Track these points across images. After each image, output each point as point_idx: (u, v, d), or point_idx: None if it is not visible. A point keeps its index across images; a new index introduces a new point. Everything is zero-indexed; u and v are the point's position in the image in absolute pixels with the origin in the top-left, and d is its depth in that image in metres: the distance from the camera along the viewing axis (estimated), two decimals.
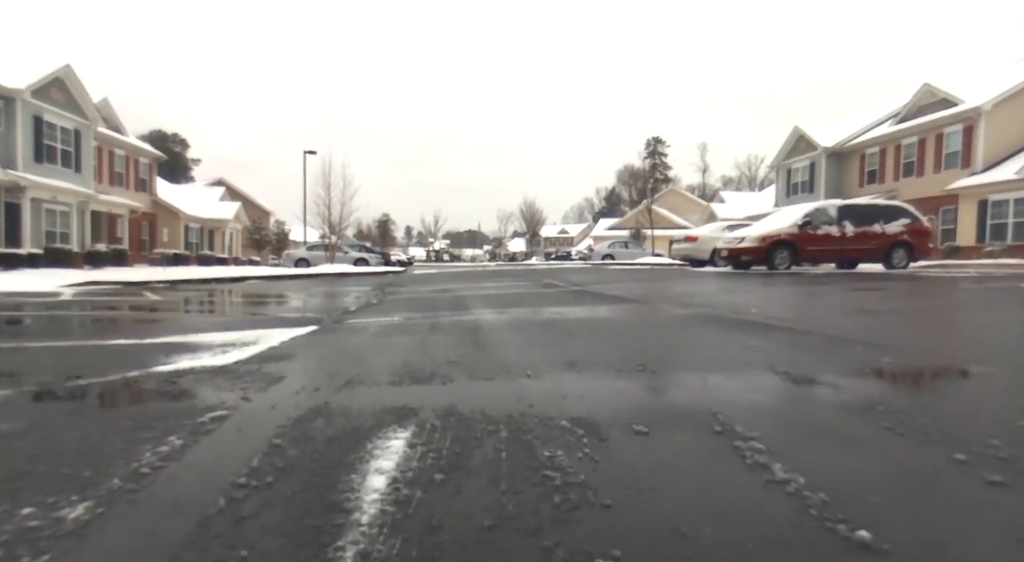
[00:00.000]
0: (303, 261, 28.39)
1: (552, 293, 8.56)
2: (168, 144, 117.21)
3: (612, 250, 31.38)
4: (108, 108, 24.99)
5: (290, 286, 14.28)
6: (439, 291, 10.27)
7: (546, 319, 4.80)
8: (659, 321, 4.77)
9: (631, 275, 14.43)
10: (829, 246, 13.54)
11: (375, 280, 16.89)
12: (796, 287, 8.82)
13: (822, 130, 29.27)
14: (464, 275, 18.07)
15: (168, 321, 5.86)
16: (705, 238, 17.31)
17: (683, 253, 17.96)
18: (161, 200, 28.59)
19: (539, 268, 24.76)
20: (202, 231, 31.30)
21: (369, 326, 4.74)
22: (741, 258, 13.80)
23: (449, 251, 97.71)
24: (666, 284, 10.50)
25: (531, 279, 14.07)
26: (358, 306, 7.25)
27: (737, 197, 38.91)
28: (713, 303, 6.05)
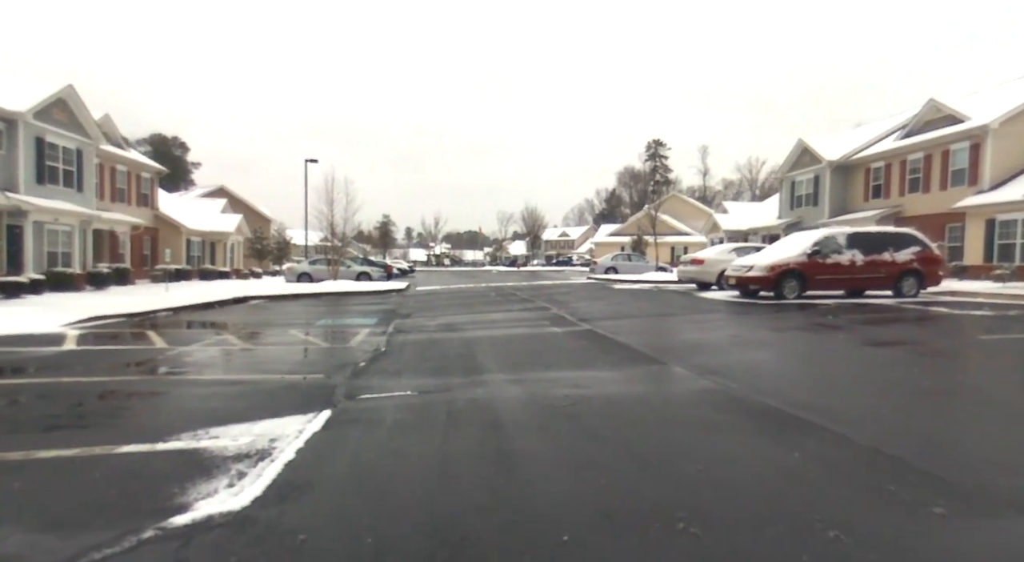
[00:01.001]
0: (305, 276, 28.26)
1: (562, 338, 8.38)
2: (168, 148, 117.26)
3: (615, 263, 31.21)
4: (109, 123, 24.88)
5: (292, 313, 14.14)
6: (447, 328, 10.11)
7: (564, 406, 4.65)
8: (677, 413, 4.63)
9: (638, 303, 14.29)
10: (838, 275, 13.41)
11: (380, 304, 16.76)
12: (813, 333, 8.66)
13: (826, 143, 29.14)
14: (469, 297, 17.96)
15: (169, 397, 5.73)
16: (712, 261, 17.18)
17: (689, 276, 17.82)
18: (163, 214, 28.48)
19: (544, 284, 24.62)
20: (204, 245, 31.19)
21: (384, 410, 4.60)
22: (750, 286, 13.68)
23: (450, 255, 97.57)
24: (676, 324, 10.33)
25: (538, 306, 13.94)
26: (367, 359, 7.11)
27: (739, 207, 38.76)
28: (731, 367, 5.89)
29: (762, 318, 10.57)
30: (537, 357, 7.15)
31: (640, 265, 31.08)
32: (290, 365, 7.10)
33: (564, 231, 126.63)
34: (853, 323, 9.48)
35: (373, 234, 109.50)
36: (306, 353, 8.05)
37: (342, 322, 11.82)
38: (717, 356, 6.79)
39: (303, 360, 7.50)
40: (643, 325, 10.29)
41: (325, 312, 14.83)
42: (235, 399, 5.22)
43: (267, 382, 5.98)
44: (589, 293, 18.15)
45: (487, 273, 50.88)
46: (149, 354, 7.76)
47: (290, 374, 6.37)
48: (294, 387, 5.72)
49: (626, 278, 24.28)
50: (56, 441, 3.94)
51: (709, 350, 7.28)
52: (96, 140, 21.52)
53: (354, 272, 28.76)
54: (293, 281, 28.63)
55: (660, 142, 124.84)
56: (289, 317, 13.54)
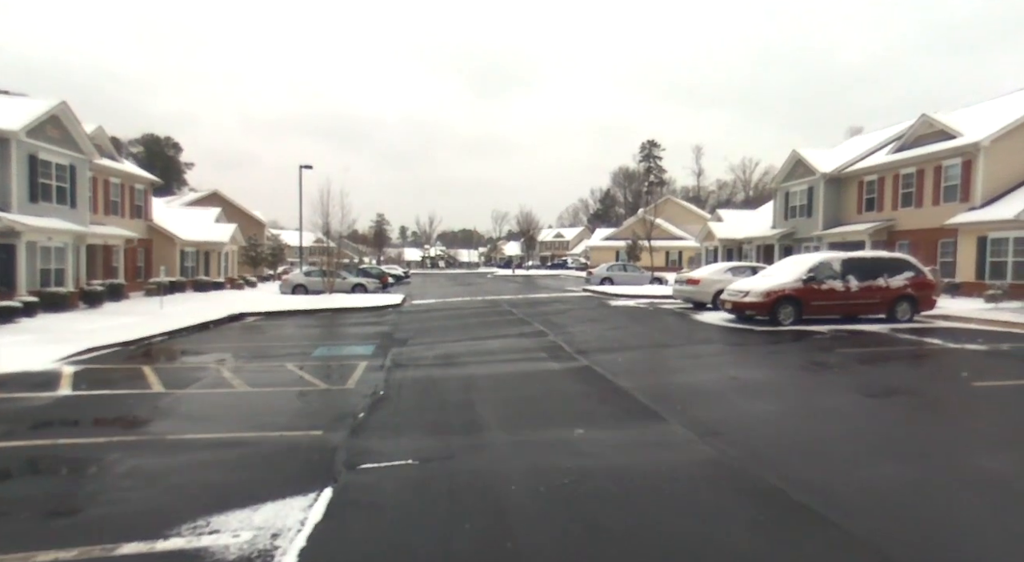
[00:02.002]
0: (300, 287, 28.19)
1: (561, 379, 8.22)
2: (161, 148, 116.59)
3: (611, 273, 31.29)
4: (102, 136, 24.69)
5: (287, 338, 14.04)
6: (444, 362, 10.01)
7: (566, 485, 4.65)
8: (680, 495, 4.64)
9: (635, 327, 14.31)
10: (833, 301, 13.49)
11: (376, 323, 16.71)
12: (810, 375, 8.68)
13: (820, 155, 29.28)
14: (465, 316, 17.92)
15: (169, 468, 5.71)
16: (707, 281, 17.24)
17: (685, 295, 17.88)
18: (157, 226, 28.31)
19: (540, 298, 24.65)
20: (198, 255, 31.03)
21: (385, 490, 4.58)
22: (746, 312, 13.74)
23: (444, 257, 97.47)
24: (674, 360, 10.31)
25: (535, 330, 13.92)
26: (366, 407, 7.06)
27: (734, 215, 38.91)
28: (730, 426, 5.87)
29: (758, 353, 10.61)
30: (536, 406, 7.16)
31: (635, 276, 31.19)
32: (289, 416, 7.07)
33: (559, 232, 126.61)
34: (849, 362, 9.53)
35: (368, 234, 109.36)
36: (304, 398, 8.02)
37: (338, 352, 11.77)
38: (716, 408, 6.82)
39: (302, 409, 7.47)
40: (640, 361, 10.30)
41: (321, 336, 14.79)
42: (234, 469, 5.21)
43: (266, 442, 5.97)
44: (586, 313, 18.17)
45: (482, 279, 50.86)
46: (145, 402, 7.71)
47: (289, 430, 6.34)
48: (294, 450, 5.71)
49: (622, 292, 24.34)
50: (55, 535, 3.92)
51: (708, 399, 7.32)
52: (89, 155, 21.37)
53: (349, 284, 28.70)
54: (288, 292, 28.56)
55: (654, 143, 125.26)
56: (285, 344, 13.49)
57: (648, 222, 40.10)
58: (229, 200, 54.10)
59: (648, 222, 40.10)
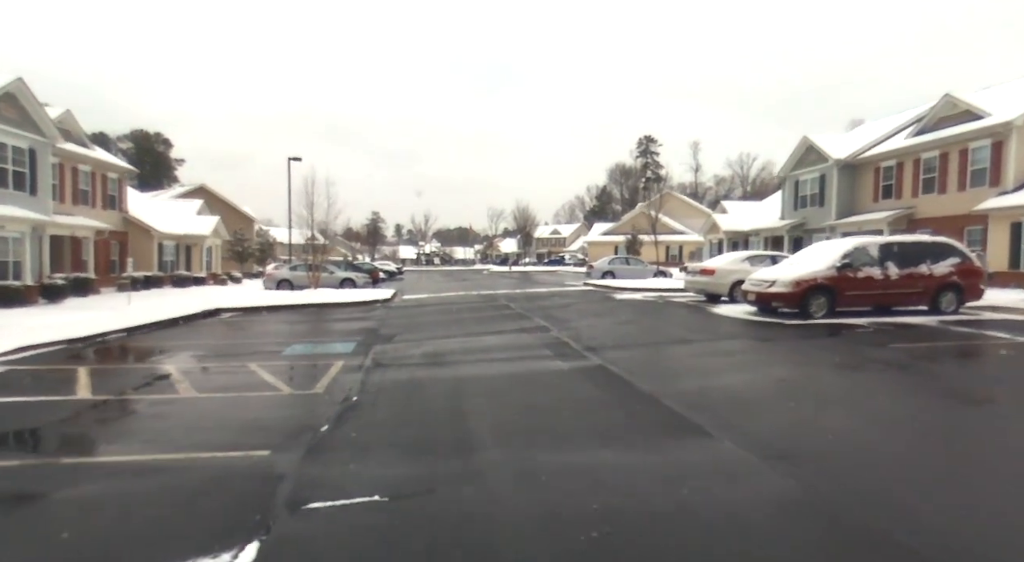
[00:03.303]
0: (285, 282, 26.65)
1: (571, 381, 6.74)
2: (151, 144, 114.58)
3: (613, 266, 29.82)
4: (71, 120, 23.09)
5: (261, 334, 12.54)
6: (432, 361, 8.51)
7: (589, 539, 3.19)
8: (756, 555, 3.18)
9: (647, 321, 12.86)
10: (870, 291, 12.07)
11: (361, 319, 15.22)
12: (874, 375, 7.18)
13: (833, 141, 27.88)
14: (459, 310, 16.39)
15: (65, 512, 4.23)
16: (723, 271, 15.81)
17: (698, 287, 16.44)
18: (132, 217, 26.70)
19: (539, 292, 23.18)
20: (178, 249, 29.42)
21: (332, 548, 3.12)
22: (772, 303, 12.30)
23: (440, 254, 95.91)
24: (701, 357, 8.85)
25: (535, 325, 12.42)
26: (332, 418, 5.56)
27: (739, 207, 37.47)
28: (800, 445, 4.41)
29: (799, 350, 9.18)
30: (545, 419, 5.69)
31: (638, 269, 29.73)
32: (233, 430, 5.60)
33: (555, 229, 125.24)
34: (913, 359, 8.09)
35: (362, 232, 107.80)
36: (260, 405, 6.55)
37: (314, 350, 10.29)
38: (772, 421, 5.37)
39: (252, 420, 5.98)
40: (662, 359, 8.86)
41: (299, 332, 13.31)
42: (131, 513, 3.72)
43: (194, 468, 4.50)
44: (590, 307, 16.72)
45: (478, 275, 49.36)
46: (62, 412, 6.22)
47: (229, 449, 4.89)
48: (225, 480, 4.24)
49: (626, 285, 22.87)
50: None
51: (758, 408, 5.87)
52: (52, 138, 19.76)
53: (337, 279, 27.15)
54: (272, 288, 27.00)
55: (651, 138, 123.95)
56: (256, 340, 12.01)
57: (651, 215, 38.51)
58: (217, 195, 52.48)
59: (651, 215, 38.51)
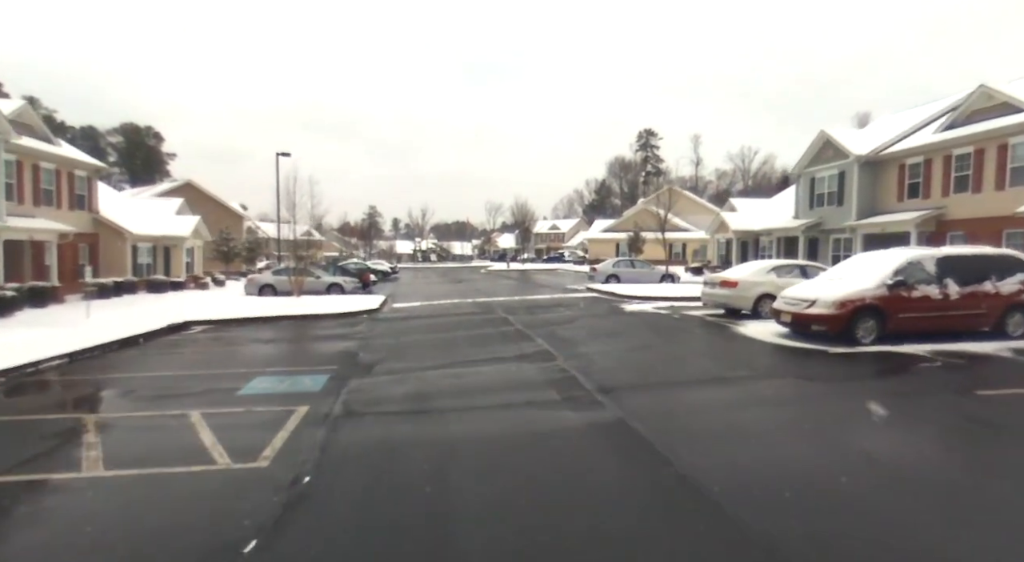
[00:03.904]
0: (268, 287, 24.91)
1: (587, 450, 4.87)
2: (142, 137, 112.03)
3: (618, 270, 28.06)
4: (29, 114, 21.26)
5: (219, 362, 10.42)
6: (416, 412, 6.58)
7: None
8: None
9: (666, 347, 11.05)
10: (927, 313, 10.37)
11: (342, 337, 13.47)
12: (972, 443, 5.40)
13: (853, 136, 26.13)
14: (452, 326, 14.54)
15: None
16: (747, 284, 14.12)
17: (718, 300, 14.73)
18: (104, 218, 24.88)
19: (540, 300, 21.42)
20: (155, 251, 27.61)
21: None
22: (811, 327, 10.60)
23: (437, 250, 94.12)
24: (750, 407, 7.03)
25: (538, 350, 10.48)
26: (262, 524, 3.87)
27: (749, 205, 35.72)
28: None
29: (861, 394, 7.45)
30: (556, 525, 3.97)
31: (644, 272, 28.00)
32: (112, 551, 3.87)
33: (554, 224, 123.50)
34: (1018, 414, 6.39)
35: (359, 226, 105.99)
36: (178, 495, 4.82)
37: (277, 388, 8.55)
38: (903, 548, 3.63)
39: (154, 531, 4.23)
40: (696, 411, 7.11)
41: (268, 356, 11.58)
42: None
43: None
44: (597, 323, 14.99)
45: (475, 275, 47.51)
46: None
47: None
48: None
49: (634, 292, 21.12)
50: None
51: (861, 513, 4.12)
52: (4, 133, 17.96)
53: (324, 284, 25.41)
54: (254, 293, 25.26)
55: (651, 132, 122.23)
56: (215, 370, 10.26)
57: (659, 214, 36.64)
58: (204, 191, 50.66)
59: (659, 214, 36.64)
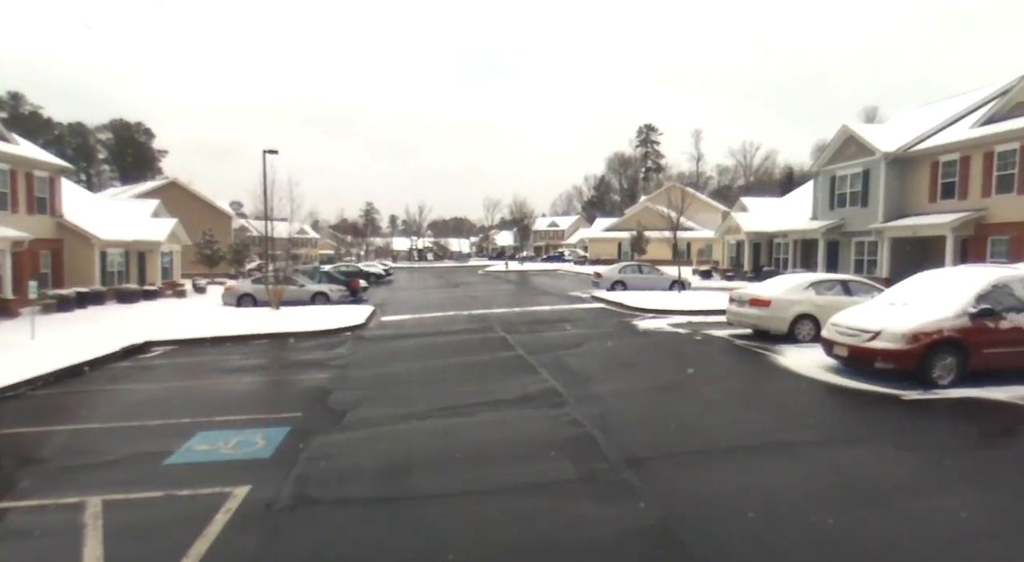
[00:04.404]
0: (247, 297, 23.04)
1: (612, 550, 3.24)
2: (132, 134, 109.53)
3: (624, 276, 26.19)
4: None
5: (156, 404, 8.20)
6: (390, 496, 4.91)
7: None
8: None
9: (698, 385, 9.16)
10: (1018, 347, 8.54)
11: (317, 365, 11.58)
12: None
13: (878, 131, 24.26)
14: (444, 348, 12.57)
15: None
16: (782, 302, 12.26)
17: (748, 321, 12.87)
18: (69, 222, 22.96)
19: (542, 313, 19.54)
20: (127, 257, 25.67)
21: None
22: (874, 363, 8.75)
23: (433, 249, 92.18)
24: (821, 495, 5.03)
25: (543, 390, 8.31)
26: None
27: (762, 204, 33.85)
28: None
29: (991, 479, 5.56)
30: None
31: (653, 278, 26.13)
32: None
33: (553, 221, 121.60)
34: None
35: (357, 223, 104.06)
36: None
37: (218, 452, 6.66)
38: None
39: None
40: (772, 504, 5.20)
41: (221, 397, 9.65)
42: None
43: None
44: (610, 348, 13.08)
45: (472, 276, 45.49)
46: None
47: None
48: None
49: (645, 304, 19.20)
50: None
51: None
52: None
53: (308, 292, 23.52)
54: (232, 304, 23.38)
55: (652, 127, 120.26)
56: (149, 421, 8.35)
57: (663, 211, 34.76)
58: (189, 190, 48.80)
59: (663, 211, 34.76)
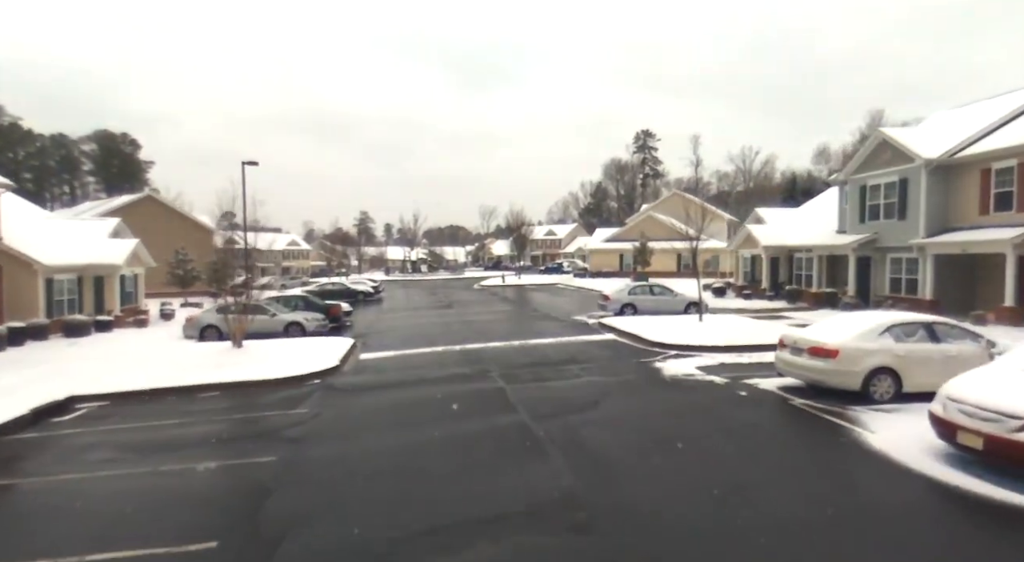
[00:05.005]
0: (211, 329, 20.37)
1: None
2: (117, 144, 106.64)
3: (634, 298, 23.60)
4: None
5: (32, 532, 5.95)
6: None
7: None
8: None
9: (760, 480, 6.52)
10: None
11: (259, 449, 8.79)
12: None
13: (916, 136, 21.83)
14: (426, 405, 9.71)
15: None
16: (853, 353, 9.67)
17: (809, 377, 10.25)
18: (7, 247, 20.29)
19: (545, 347, 16.87)
20: (80, 283, 22.98)
21: None
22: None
23: (428, 260, 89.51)
24: None
25: (560, 498, 6.08)
26: None
27: (778, 215, 31.37)
28: None
29: None
30: None
31: (666, 300, 23.55)
32: None
33: (550, 229, 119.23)
34: None
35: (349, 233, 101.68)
36: None
37: None
38: None
39: None
40: None
41: (117, 507, 6.97)
42: None
43: None
44: (634, 408, 10.44)
45: (467, 294, 42.68)
46: None
47: None
48: None
49: (666, 339, 16.49)
50: None
51: None
52: None
53: (280, 323, 20.89)
54: (194, 337, 20.73)
55: (649, 133, 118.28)
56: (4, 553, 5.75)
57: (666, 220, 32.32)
58: (167, 204, 46.26)
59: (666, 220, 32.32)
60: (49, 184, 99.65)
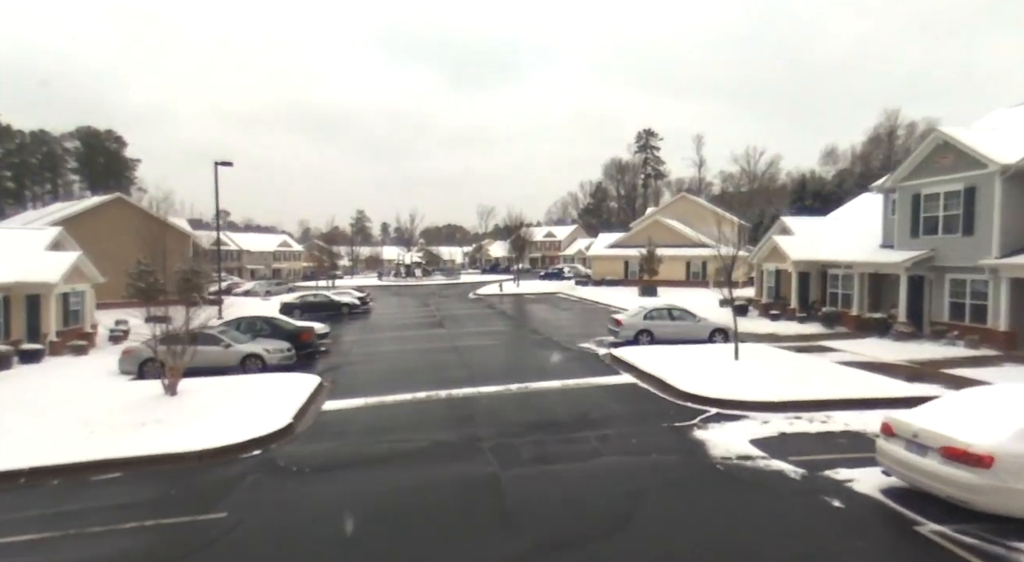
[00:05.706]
0: (152, 363, 17.01)
1: None
2: (101, 141, 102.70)
3: (650, 324, 20.35)
4: None
5: None
6: None
7: None
8: None
9: None
10: None
11: None
12: None
13: (985, 138, 18.63)
14: (393, 528, 7.00)
15: None
16: (1015, 462, 6.48)
17: (944, 491, 7.02)
18: None
19: (548, 393, 13.63)
20: (6, 304, 19.72)
21: None
22: None
23: (423, 264, 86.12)
24: None
25: None
26: None
27: (807, 225, 28.05)
28: None
29: None
30: None
31: (687, 326, 20.32)
32: None
33: (550, 231, 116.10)
34: None
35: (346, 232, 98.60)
36: None
37: None
38: None
39: None
40: None
41: None
42: None
43: None
44: (684, 536, 7.31)
45: (461, 307, 39.25)
46: None
47: None
48: None
49: (705, 392, 13.19)
50: None
51: None
52: None
53: (237, 355, 17.62)
54: (132, 373, 17.47)
55: (651, 132, 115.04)
56: None
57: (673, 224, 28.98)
58: (137, 206, 42.66)
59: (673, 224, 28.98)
60: (31, 182, 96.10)
